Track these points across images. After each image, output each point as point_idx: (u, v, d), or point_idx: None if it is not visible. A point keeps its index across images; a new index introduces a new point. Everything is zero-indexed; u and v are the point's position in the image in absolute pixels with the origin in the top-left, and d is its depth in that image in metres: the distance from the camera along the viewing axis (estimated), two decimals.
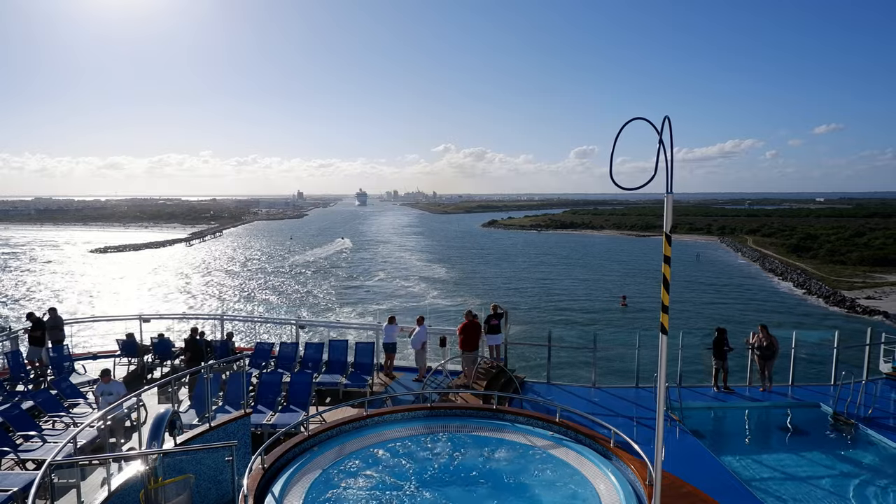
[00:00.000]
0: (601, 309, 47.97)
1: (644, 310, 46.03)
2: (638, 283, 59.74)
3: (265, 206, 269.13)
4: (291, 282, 65.66)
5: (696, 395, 14.36)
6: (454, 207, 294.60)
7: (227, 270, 75.09)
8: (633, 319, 42.36)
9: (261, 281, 66.61)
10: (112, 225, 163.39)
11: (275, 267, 77.70)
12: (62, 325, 15.94)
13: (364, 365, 14.66)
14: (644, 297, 51.54)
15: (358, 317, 46.23)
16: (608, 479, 7.53)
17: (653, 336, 7.26)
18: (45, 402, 11.13)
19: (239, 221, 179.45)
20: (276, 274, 71.51)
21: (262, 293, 58.52)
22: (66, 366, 14.44)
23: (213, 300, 54.76)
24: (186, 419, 10.37)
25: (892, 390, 14.63)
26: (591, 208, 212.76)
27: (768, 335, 14.58)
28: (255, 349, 15.90)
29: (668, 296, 5.16)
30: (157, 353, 15.62)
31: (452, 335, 16.46)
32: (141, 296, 55.41)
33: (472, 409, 10.27)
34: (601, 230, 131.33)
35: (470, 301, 50.38)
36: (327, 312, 48.92)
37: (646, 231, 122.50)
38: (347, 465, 8.17)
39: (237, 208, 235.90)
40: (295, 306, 50.92)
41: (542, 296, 54.82)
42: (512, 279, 64.90)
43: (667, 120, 4.64)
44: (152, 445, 7.53)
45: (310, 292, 58.76)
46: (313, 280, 66.64)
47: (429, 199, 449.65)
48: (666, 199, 4.93)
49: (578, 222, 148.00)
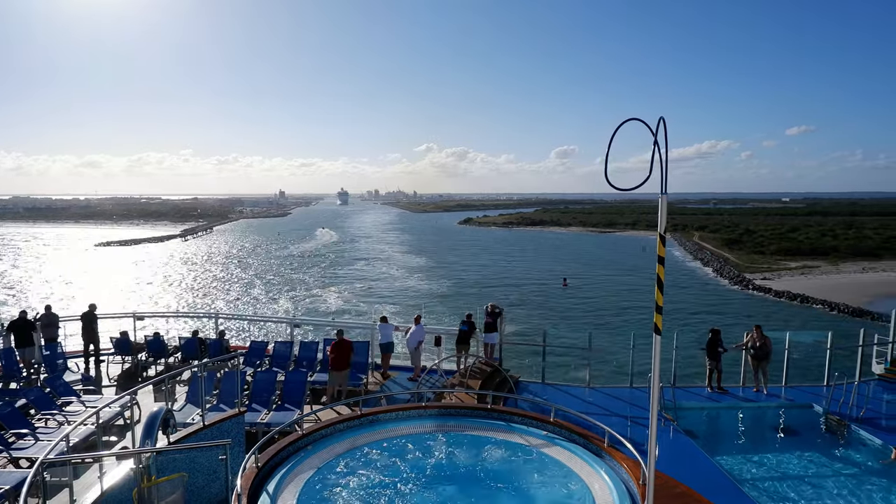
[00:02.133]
0: (545, 287, 56.90)
1: (580, 288, 56.14)
2: (581, 269, 69.65)
3: (248, 206, 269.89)
4: (288, 269, 73.55)
5: (690, 396, 14.42)
6: (434, 206, 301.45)
7: (235, 260, 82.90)
8: (573, 296, 52.07)
9: (265, 267, 74.81)
10: (104, 223, 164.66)
11: (273, 256, 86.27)
12: (57, 322, 15.86)
13: (359, 364, 14.64)
14: (582, 279, 61.05)
15: (342, 296, 53.31)
16: (602, 479, 7.55)
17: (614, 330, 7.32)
18: (38, 399, 11.06)
19: (226, 219, 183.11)
20: (277, 261, 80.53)
21: (268, 276, 67.12)
22: (59, 364, 14.37)
23: (231, 283, 62.09)
24: (180, 418, 10.34)
25: (885, 391, 14.71)
26: (563, 207, 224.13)
27: (762, 336, 14.65)
28: (249, 348, 15.87)
29: (661, 296, 5.18)
30: (150, 352, 15.56)
31: (448, 335, 16.50)
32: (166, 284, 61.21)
33: (466, 409, 10.27)
34: (568, 227, 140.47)
35: (441, 283, 60.82)
36: (318, 290, 57.26)
37: (607, 228, 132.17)
38: (342, 464, 8.16)
39: (221, 207, 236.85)
40: (295, 286, 59.32)
41: (500, 276, 64.68)
42: (476, 265, 75.57)
43: (662, 121, 4.65)
44: (146, 444, 7.50)
45: (303, 277, 66.75)
46: (306, 266, 75.45)
47: (409, 199, 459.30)
48: (660, 199, 4.94)
49: (547, 220, 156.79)
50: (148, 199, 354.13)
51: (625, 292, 52.87)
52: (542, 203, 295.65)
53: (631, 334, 15.38)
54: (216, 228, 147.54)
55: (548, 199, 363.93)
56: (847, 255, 72.50)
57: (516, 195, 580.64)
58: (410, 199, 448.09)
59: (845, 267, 66.28)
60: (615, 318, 42.02)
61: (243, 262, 79.96)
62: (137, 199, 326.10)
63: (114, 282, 60.10)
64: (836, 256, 72.16)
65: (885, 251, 73.98)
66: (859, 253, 73.25)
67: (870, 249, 74.63)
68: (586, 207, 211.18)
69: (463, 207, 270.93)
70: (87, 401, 11.81)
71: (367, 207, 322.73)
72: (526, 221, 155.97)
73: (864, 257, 71.30)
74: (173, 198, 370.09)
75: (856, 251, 73.95)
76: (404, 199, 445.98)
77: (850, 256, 72.03)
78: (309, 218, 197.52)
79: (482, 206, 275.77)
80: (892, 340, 15.82)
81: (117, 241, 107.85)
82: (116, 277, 63.58)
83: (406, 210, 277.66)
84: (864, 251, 73.86)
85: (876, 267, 65.87)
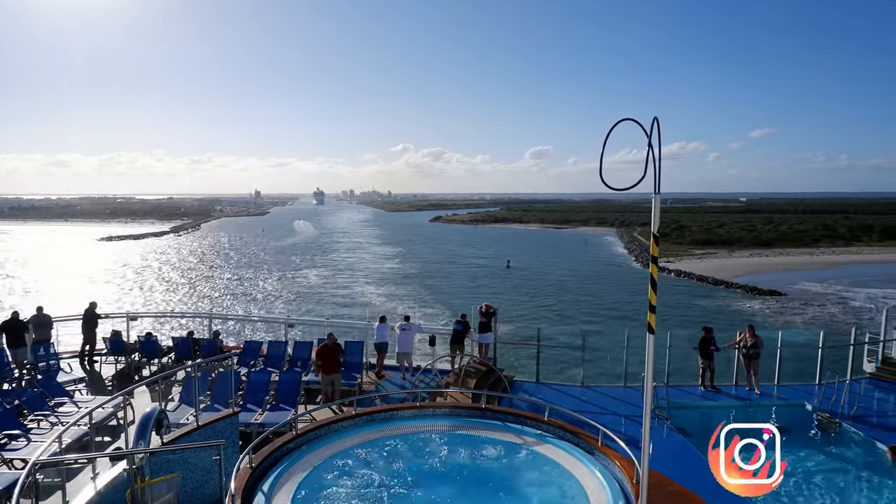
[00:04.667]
0: (492, 267, 69.90)
1: (521, 269, 67.57)
2: (525, 255, 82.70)
3: (226, 205, 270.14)
4: (279, 256, 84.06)
5: (684, 394, 14.48)
6: (408, 206, 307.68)
7: (233, 251, 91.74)
8: (514, 275, 62.85)
9: (258, 256, 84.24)
10: (92, 221, 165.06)
11: (264, 249, 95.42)
12: (50, 323, 15.76)
13: (353, 364, 14.63)
14: (523, 263, 72.71)
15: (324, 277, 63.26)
16: (596, 477, 7.58)
17: None
18: (31, 400, 10.99)
19: (209, 217, 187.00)
20: (266, 252, 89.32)
21: (262, 262, 76.23)
22: (51, 364, 14.28)
23: (237, 268, 70.62)
24: (174, 418, 10.29)
25: (876, 389, 14.84)
26: (526, 206, 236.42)
27: (754, 335, 14.73)
28: (243, 348, 15.81)
29: (655, 295, 5.20)
30: (143, 352, 15.47)
31: (441, 335, 16.51)
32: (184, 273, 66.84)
33: (461, 408, 10.28)
34: (527, 224, 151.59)
35: (408, 265, 72.74)
36: (306, 270, 68.35)
37: (562, 224, 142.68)
38: (336, 464, 8.15)
39: (202, 206, 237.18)
40: (285, 269, 69.32)
41: (455, 260, 78.40)
42: (439, 252, 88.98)
43: (656, 121, 4.68)
44: (139, 444, 7.47)
45: (292, 260, 78.89)
46: (294, 255, 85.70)
47: (384, 199, 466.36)
48: (654, 199, 4.96)
49: (510, 217, 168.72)
50: (124, 198, 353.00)
51: (556, 272, 65.16)
52: (513, 203, 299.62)
53: (625, 333, 15.46)
54: (203, 226, 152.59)
55: (519, 199, 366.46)
56: (747, 245, 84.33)
57: (489, 195, 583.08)
58: (385, 199, 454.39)
59: (738, 254, 77.74)
60: (544, 289, 54.44)
61: (241, 252, 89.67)
62: (112, 199, 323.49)
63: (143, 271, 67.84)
64: (738, 246, 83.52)
65: (779, 242, 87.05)
66: (757, 243, 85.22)
67: (766, 241, 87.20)
68: (548, 206, 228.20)
69: (435, 207, 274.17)
70: (80, 401, 11.73)
71: (342, 207, 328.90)
72: (490, 219, 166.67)
73: (759, 247, 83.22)
74: (147, 197, 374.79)
75: (755, 242, 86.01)
76: (379, 199, 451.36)
77: (748, 246, 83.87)
78: (288, 217, 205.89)
79: (454, 206, 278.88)
80: (883, 339, 15.95)
81: (118, 235, 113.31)
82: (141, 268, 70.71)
83: (381, 209, 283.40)
84: (762, 242, 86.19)
85: (762, 254, 77.67)
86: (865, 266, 67.69)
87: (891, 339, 16.05)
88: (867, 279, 57.84)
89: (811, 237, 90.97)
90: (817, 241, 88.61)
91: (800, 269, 64.54)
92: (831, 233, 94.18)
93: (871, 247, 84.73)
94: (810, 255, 76.97)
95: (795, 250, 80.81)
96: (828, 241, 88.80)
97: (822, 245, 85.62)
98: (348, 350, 14.93)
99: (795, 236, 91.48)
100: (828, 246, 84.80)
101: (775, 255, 76.72)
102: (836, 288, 53.45)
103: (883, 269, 64.61)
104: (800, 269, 64.54)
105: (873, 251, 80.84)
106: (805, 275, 60.41)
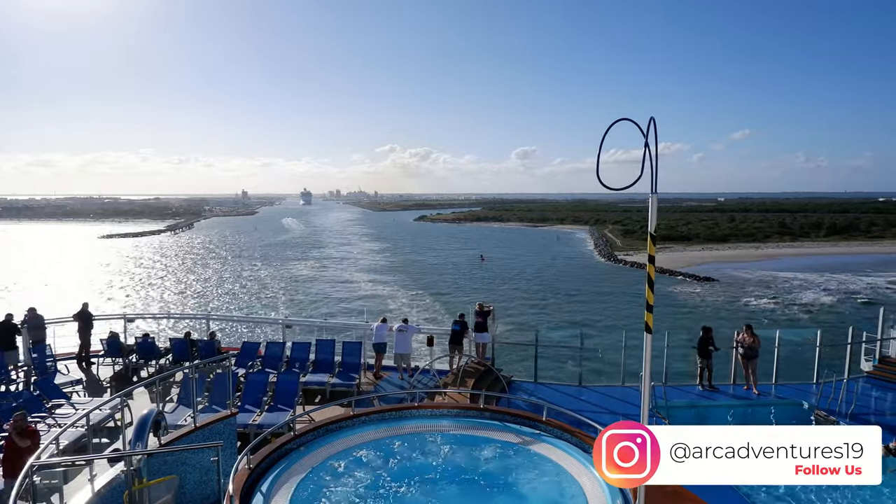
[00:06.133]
0: (466, 262, 74.24)
1: (497, 262, 73.06)
2: (499, 249, 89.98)
3: (215, 205, 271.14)
4: (278, 249, 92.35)
5: (682, 394, 14.50)
6: (394, 205, 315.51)
7: (234, 247, 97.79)
8: (487, 269, 67.84)
9: (259, 250, 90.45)
10: (85, 221, 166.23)
11: (263, 244, 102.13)
12: (44, 324, 15.70)
13: (351, 364, 14.63)
14: (497, 258, 77.88)
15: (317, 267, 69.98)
16: (594, 477, 7.58)
17: None
18: (27, 402, 10.96)
19: (200, 217, 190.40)
20: (266, 248, 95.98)
21: (264, 256, 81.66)
22: (49, 366, 14.24)
23: (241, 260, 77.44)
24: (172, 419, 10.28)
25: (873, 388, 14.89)
26: (508, 205, 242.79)
27: (752, 335, 14.76)
28: (241, 349, 15.76)
29: (652, 295, 5.21)
30: (140, 354, 15.43)
31: (439, 335, 16.51)
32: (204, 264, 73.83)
33: (459, 409, 10.28)
34: (507, 222, 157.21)
35: (392, 258, 79.68)
36: (301, 262, 74.79)
37: (540, 223, 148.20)
38: (334, 464, 8.15)
39: (190, 206, 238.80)
40: (283, 261, 76.19)
41: (436, 254, 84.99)
42: (422, 247, 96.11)
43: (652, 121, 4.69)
44: (137, 446, 7.45)
45: (287, 253, 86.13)
46: (290, 250, 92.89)
47: (370, 199, 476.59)
48: (650, 199, 4.97)
49: (491, 216, 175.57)
50: (110, 198, 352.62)
51: (522, 264, 71.37)
52: (497, 202, 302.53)
53: (622, 333, 15.47)
54: (196, 225, 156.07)
55: (503, 199, 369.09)
56: (703, 241, 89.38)
57: (475, 195, 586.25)
58: (372, 199, 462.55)
59: (692, 248, 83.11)
60: (511, 278, 60.33)
61: (241, 247, 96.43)
62: (99, 199, 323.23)
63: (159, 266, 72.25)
64: (694, 241, 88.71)
65: (733, 237, 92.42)
66: (712, 239, 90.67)
67: (721, 236, 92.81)
68: (528, 205, 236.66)
69: (421, 206, 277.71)
70: (77, 403, 11.72)
71: (330, 207, 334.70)
72: (472, 218, 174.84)
73: (714, 242, 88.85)
74: (133, 197, 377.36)
75: (710, 238, 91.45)
76: (365, 199, 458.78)
77: (704, 241, 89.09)
78: (277, 216, 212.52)
79: (440, 206, 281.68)
80: (880, 338, 16.00)
81: (119, 234, 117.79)
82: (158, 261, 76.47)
83: (367, 209, 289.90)
84: (717, 238, 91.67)
85: (714, 248, 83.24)
86: (800, 258, 74.38)
87: (888, 339, 16.10)
88: (795, 268, 64.75)
89: (763, 233, 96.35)
90: (768, 237, 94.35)
91: (741, 261, 70.80)
92: (784, 230, 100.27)
93: (815, 242, 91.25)
94: (755, 248, 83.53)
95: (745, 245, 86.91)
96: (778, 237, 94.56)
97: (772, 240, 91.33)
98: (346, 350, 14.95)
99: (749, 232, 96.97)
100: (776, 241, 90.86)
101: (725, 249, 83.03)
102: (760, 274, 60.37)
103: (813, 260, 71.50)
104: (741, 261, 70.80)
105: (814, 245, 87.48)
106: (743, 265, 67.11)
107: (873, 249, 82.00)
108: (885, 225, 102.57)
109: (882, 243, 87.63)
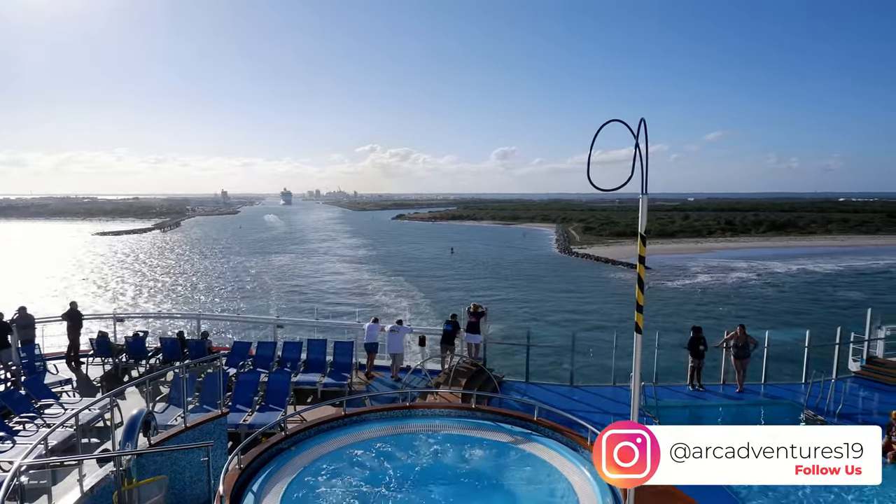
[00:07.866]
0: (437, 255, 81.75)
1: (465, 254, 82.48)
2: (469, 244, 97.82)
3: (196, 204, 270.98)
4: (265, 244, 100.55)
5: (672, 393, 14.59)
6: (373, 205, 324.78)
7: (224, 242, 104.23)
8: (456, 260, 76.54)
9: (247, 245, 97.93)
10: (73, 219, 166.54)
11: (249, 240, 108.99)
12: (33, 323, 15.57)
13: (343, 364, 14.60)
14: (466, 251, 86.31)
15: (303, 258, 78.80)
16: (584, 476, 7.62)
17: None
18: (16, 402, 10.86)
19: (184, 216, 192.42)
20: (253, 243, 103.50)
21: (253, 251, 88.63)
22: (37, 366, 14.11)
23: (234, 254, 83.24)
24: (162, 419, 10.23)
25: (861, 388, 15.04)
26: (483, 204, 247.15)
27: (745, 335, 14.86)
28: (232, 348, 15.71)
29: (642, 295, 5.24)
30: (130, 353, 15.33)
31: (431, 335, 16.50)
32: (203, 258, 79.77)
33: (450, 408, 10.30)
34: (480, 221, 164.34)
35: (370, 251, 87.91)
36: (286, 255, 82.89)
37: (511, 221, 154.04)
38: (326, 464, 8.14)
39: (172, 206, 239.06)
40: (272, 254, 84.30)
41: (411, 248, 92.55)
42: (398, 242, 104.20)
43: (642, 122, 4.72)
44: (126, 446, 7.41)
45: (276, 247, 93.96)
46: (275, 244, 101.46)
47: (350, 199, 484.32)
48: (641, 199, 5.00)
49: (465, 215, 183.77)
50: (89, 197, 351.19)
51: (488, 257, 79.45)
52: (474, 202, 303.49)
53: (614, 334, 15.54)
54: (183, 223, 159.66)
55: (481, 199, 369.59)
56: (652, 236, 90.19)
57: (454, 195, 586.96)
58: (351, 199, 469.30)
59: None
60: (474, 267, 69.39)
61: (231, 242, 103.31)
62: (77, 198, 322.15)
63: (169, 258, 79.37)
64: None
65: (680, 233, 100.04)
66: (661, 235, 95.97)
67: (670, 232, 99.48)
68: (503, 204, 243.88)
69: (399, 206, 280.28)
70: (66, 403, 11.62)
71: (310, 206, 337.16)
72: (448, 216, 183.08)
73: (662, 237, 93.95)
74: (110, 197, 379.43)
75: (660, 234, 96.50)
76: (345, 199, 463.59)
77: (652, 237, 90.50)
78: (259, 215, 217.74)
79: (418, 205, 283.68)
80: (867, 339, 16.17)
81: (111, 231, 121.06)
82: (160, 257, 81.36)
83: (347, 209, 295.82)
84: (665, 234, 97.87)
85: (660, 242, 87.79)
86: (734, 251, 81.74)
87: (875, 339, 16.27)
88: (722, 259, 72.40)
89: (708, 230, 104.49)
90: (712, 232, 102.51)
91: (679, 253, 78.51)
92: (728, 226, 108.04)
93: (754, 237, 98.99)
94: (696, 243, 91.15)
95: (689, 240, 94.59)
96: (720, 232, 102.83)
97: (715, 236, 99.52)
98: (338, 350, 14.92)
99: (696, 228, 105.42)
100: (718, 237, 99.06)
101: (669, 243, 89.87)
102: (689, 263, 68.26)
103: (745, 252, 79.48)
104: (679, 253, 78.51)
105: (751, 240, 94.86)
106: (680, 257, 74.70)
107: (802, 244, 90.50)
108: (822, 222, 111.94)
109: (811, 238, 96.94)
